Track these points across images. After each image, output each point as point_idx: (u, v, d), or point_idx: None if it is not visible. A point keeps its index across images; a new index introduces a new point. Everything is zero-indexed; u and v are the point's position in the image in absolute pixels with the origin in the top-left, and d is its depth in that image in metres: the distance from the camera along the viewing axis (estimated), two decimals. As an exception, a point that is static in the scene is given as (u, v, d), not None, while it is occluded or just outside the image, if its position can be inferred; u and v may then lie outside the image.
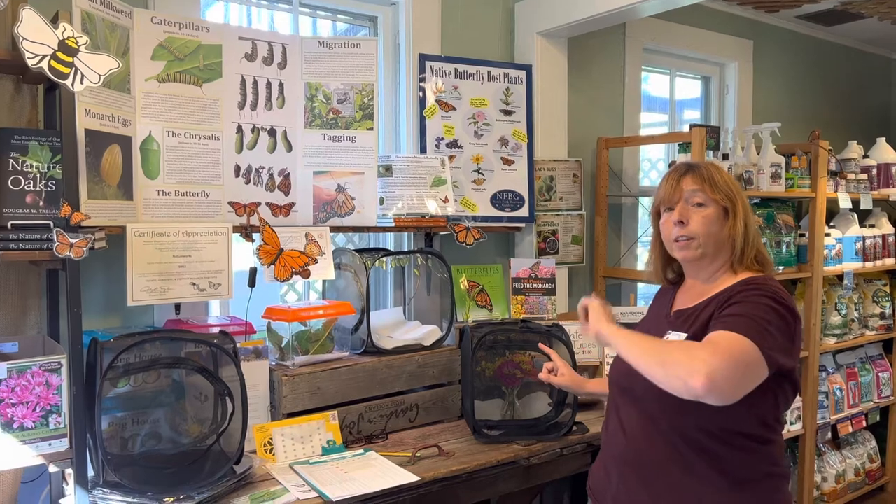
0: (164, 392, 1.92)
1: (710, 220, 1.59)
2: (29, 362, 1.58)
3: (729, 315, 1.47)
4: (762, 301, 1.47)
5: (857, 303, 3.74)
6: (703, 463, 1.50)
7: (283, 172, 2.32)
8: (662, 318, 1.69)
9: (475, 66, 2.80)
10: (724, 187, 1.60)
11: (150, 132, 2.07)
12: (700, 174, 1.62)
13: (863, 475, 3.86)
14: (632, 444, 1.59)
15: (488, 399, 2.30)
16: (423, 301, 2.61)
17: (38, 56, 1.52)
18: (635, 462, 1.58)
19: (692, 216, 1.60)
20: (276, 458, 1.94)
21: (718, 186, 1.59)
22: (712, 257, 1.61)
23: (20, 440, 1.57)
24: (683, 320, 1.60)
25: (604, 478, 1.68)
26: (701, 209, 1.60)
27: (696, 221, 1.59)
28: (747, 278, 1.58)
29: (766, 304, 1.47)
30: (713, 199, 1.59)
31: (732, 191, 1.61)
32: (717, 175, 1.61)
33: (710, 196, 1.59)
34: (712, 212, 1.59)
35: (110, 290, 2.15)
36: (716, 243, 1.60)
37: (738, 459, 1.50)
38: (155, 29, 2.07)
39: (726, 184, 1.61)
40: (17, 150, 1.68)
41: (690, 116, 3.91)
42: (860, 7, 3.78)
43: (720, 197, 1.59)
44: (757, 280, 1.56)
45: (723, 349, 1.37)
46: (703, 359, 1.34)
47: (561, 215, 3.01)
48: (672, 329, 1.60)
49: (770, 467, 1.53)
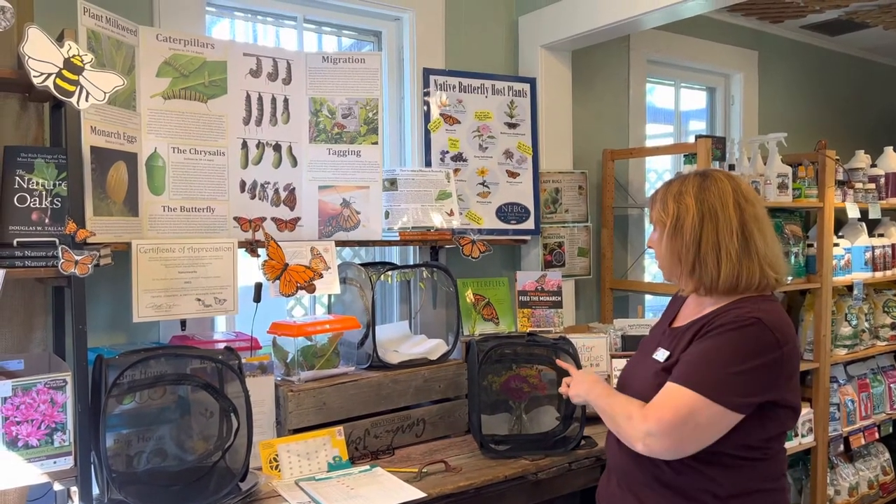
0: (169, 409, 1.91)
1: (657, 243, 1.63)
2: (34, 380, 1.58)
3: (689, 360, 1.47)
4: (736, 336, 1.44)
5: (867, 313, 3.70)
6: (691, 481, 1.49)
7: (289, 187, 2.32)
8: (660, 331, 1.70)
9: (479, 79, 2.80)
10: (658, 208, 1.60)
11: (156, 148, 2.07)
12: (655, 198, 1.64)
13: (876, 488, 3.80)
14: (623, 459, 1.60)
15: (495, 413, 2.29)
16: (429, 315, 2.60)
17: (43, 74, 1.53)
18: (628, 477, 1.60)
19: (653, 240, 1.65)
20: (281, 475, 1.93)
21: (657, 208, 1.61)
22: (672, 277, 1.63)
23: (25, 458, 1.56)
24: (672, 338, 1.60)
25: (606, 486, 1.69)
26: (654, 233, 1.65)
27: (654, 245, 1.65)
28: (736, 300, 1.52)
29: (740, 338, 1.43)
30: (655, 221, 1.63)
31: (670, 209, 1.56)
32: (661, 196, 1.61)
33: (660, 217, 1.61)
34: (657, 234, 1.62)
35: (116, 306, 2.15)
36: (665, 264, 1.62)
37: (726, 476, 1.48)
38: (160, 46, 2.08)
39: (665, 203, 1.58)
40: (23, 167, 1.68)
41: (696, 127, 3.91)
42: (865, 16, 3.78)
43: (657, 218, 1.61)
44: (741, 304, 1.50)
45: (661, 415, 1.43)
46: (640, 428, 1.46)
47: (567, 227, 3.00)
48: (661, 346, 1.61)
49: (761, 483, 1.51)
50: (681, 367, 1.47)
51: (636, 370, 1.67)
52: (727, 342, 1.44)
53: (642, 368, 1.63)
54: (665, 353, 1.57)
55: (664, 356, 1.56)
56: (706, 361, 1.44)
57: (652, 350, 1.63)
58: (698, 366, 1.44)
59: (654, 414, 1.44)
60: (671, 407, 1.43)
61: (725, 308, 1.52)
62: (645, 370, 1.60)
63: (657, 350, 1.60)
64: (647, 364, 1.61)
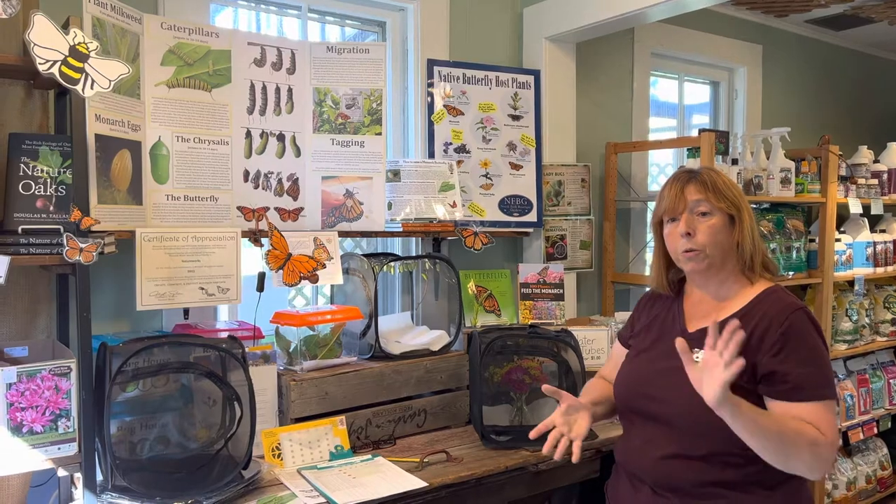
0: (172, 396, 1.92)
1: (716, 230, 1.55)
2: (38, 366, 1.58)
3: (802, 379, 1.45)
4: (811, 334, 1.49)
5: (868, 308, 3.71)
6: (743, 477, 1.49)
7: (292, 177, 2.32)
8: (678, 332, 1.59)
9: (483, 71, 2.80)
10: (728, 194, 1.57)
11: (160, 137, 2.07)
12: (703, 182, 1.57)
13: (874, 482, 3.82)
14: (669, 467, 1.54)
15: (496, 405, 2.30)
16: (431, 306, 2.61)
17: (49, 62, 1.53)
18: (676, 483, 1.54)
19: (698, 227, 1.55)
20: (284, 464, 1.94)
21: (722, 193, 1.56)
22: (719, 267, 1.58)
23: (29, 444, 1.57)
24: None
25: (633, 493, 1.63)
26: (706, 218, 1.56)
27: (702, 232, 1.55)
28: (764, 292, 1.56)
29: (814, 334, 1.49)
30: (718, 207, 1.55)
31: (736, 196, 1.57)
32: (719, 181, 1.58)
33: (716, 204, 1.55)
34: (718, 220, 1.55)
35: (119, 294, 2.16)
36: (723, 252, 1.56)
37: (766, 464, 1.47)
38: (165, 34, 2.08)
39: (730, 189, 1.57)
40: (27, 154, 1.69)
41: (699, 121, 3.90)
42: (870, 11, 3.76)
43: (725, 205, 1.55)
44: (777, 294, 1.55)
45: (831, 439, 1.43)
46: (826, 459, 1.43)
47: (569, 220, 3.01)
48: (698, 347, 1.47)
49: None
50: (803, 381, 1.45)
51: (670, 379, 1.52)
52: (814, 344, 1.49)
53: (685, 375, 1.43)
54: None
55: None
56: (816, 369, 1.47)
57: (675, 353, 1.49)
58: (813, 379, 1.46)
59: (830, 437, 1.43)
60: (831, 423, 1.44)
61: (765, 304, 1.53)
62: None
63: (694, 353, 1.45)
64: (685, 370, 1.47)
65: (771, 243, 3.16)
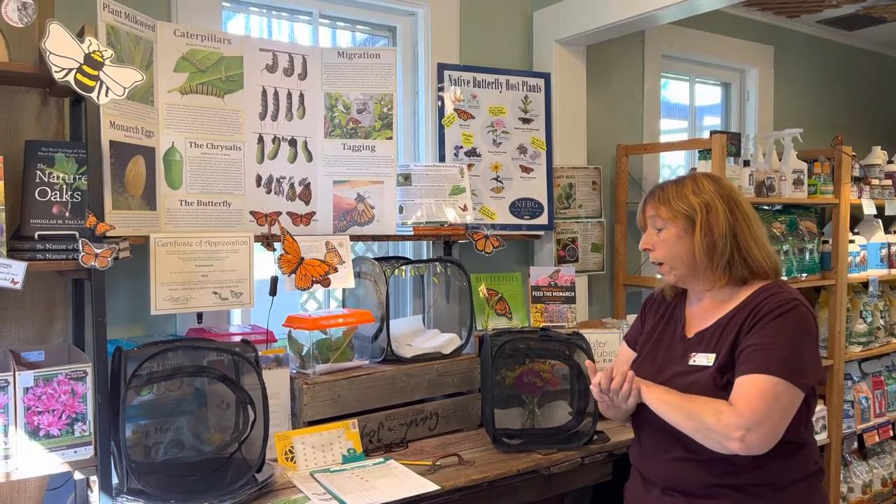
0: (186, 400, 1.94)
1: (670, 242, 1.59)
2: (55, 371, 1.60)
3: (757, 348, 1.45)
4: (789, 319, 1.46)
5: (882, 310, 3.68)
6: (752, 478, 1.49)
7: (304, 182, 2.34)
8: (678, 339, 1.65)
9: (494, 74, 2.80)
10: (679, 205, 1.57)
11: (173, 143, 2.09)
12: (656, 197, 1.62)
13: (890, 485, 3.78)
14: (678, 468, 1.56)
15: (508, 407, 2.30)
16: (443, 309, 2.61)
17: (64, 70, 1.55)
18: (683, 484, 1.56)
19: (655, 241, 1.62)
20: (297, 467, 1.95)
21: (672, 205, 1.58)
22: (690, 275, 1.60)
23: (46, 448, 1.59)
24: (707, 341, 1.57)
25: (644, 494, 1.66)
26: (662, 232, 1.61)
27: (658, 246, 1.61)
28: (761, 288, 1.55)
29: (793, 321, 1.46)
30: (669, 219, 1.59)
31: (694, 204, 1.57)
32: (672, 192, 1.60)
33: (666, 217, 1.59)
34: (671, 233, 1.59)
35: (134, 299, 2.18)
36: (687, 261, 1.58)
37: (780, 467, 1.49)
38: (178, 41, 2.10)
39: (686, 199, 1.57)
40: (44, 161, 1.71)
41: (711, 123, 3.88)
42: (882, 11, 3.74)
43: (674, 215, 1.58)
44: (772, 289, 1.53)
45: (754, 406, 1.39)
46: (735, 424, 1.40)
47: (580, 223, 3.00)
48: (696, 351, 1.57)
49: (808, 468, 1.54)
50: (749, 357, 1.45)
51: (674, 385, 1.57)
52: (783, 327, 1.46)
53: (683, 380, 1.55)
54: (709, 356, 1.54)
55: (709, 359, 1.53)
56: (773, 347, 1.44)
57: (677, 359, 1.60)
58: (768, 352, 1.44)
59: (746, 406, 1.40)
60: (758, 396, 1.40)
61: (758, 296, 1.53)
62: (690, 380, 1.54)
63: (690, 357, 1.56)
64: (688, 374, 1.55)
65: (783, 245, 3.14)
